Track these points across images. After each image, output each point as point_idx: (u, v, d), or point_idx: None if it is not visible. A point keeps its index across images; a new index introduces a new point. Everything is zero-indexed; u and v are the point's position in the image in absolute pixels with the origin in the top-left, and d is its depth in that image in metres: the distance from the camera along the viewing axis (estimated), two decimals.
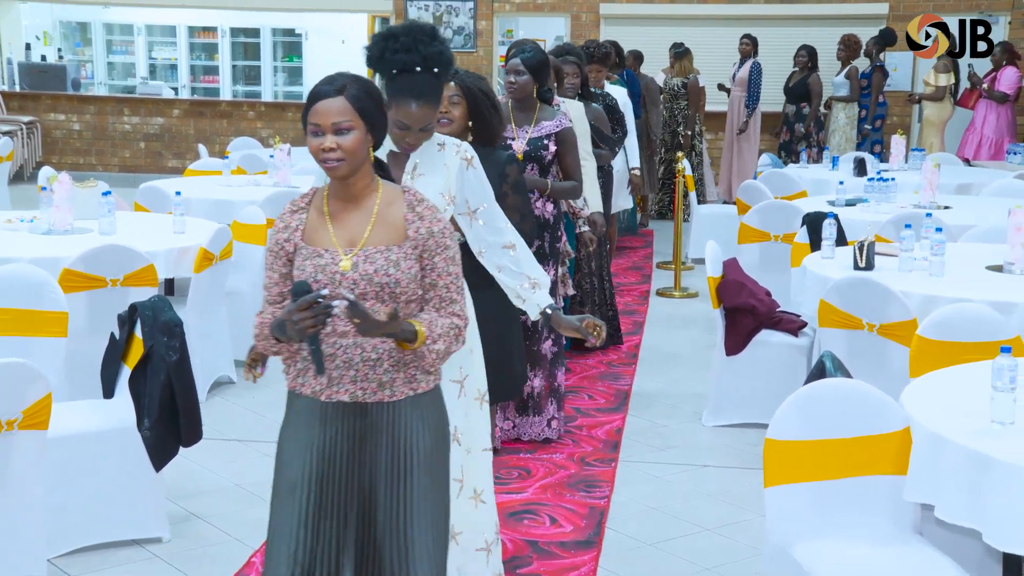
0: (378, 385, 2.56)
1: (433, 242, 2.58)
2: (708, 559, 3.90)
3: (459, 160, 3.19)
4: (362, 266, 2.53)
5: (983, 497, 2.69)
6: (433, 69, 2.94)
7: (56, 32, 15.14)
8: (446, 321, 2.59)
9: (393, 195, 2.62)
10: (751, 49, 11.16)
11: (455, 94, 3.61)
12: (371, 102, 2.54)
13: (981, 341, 3.73)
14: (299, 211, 2.64)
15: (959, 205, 6.74)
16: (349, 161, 2.52)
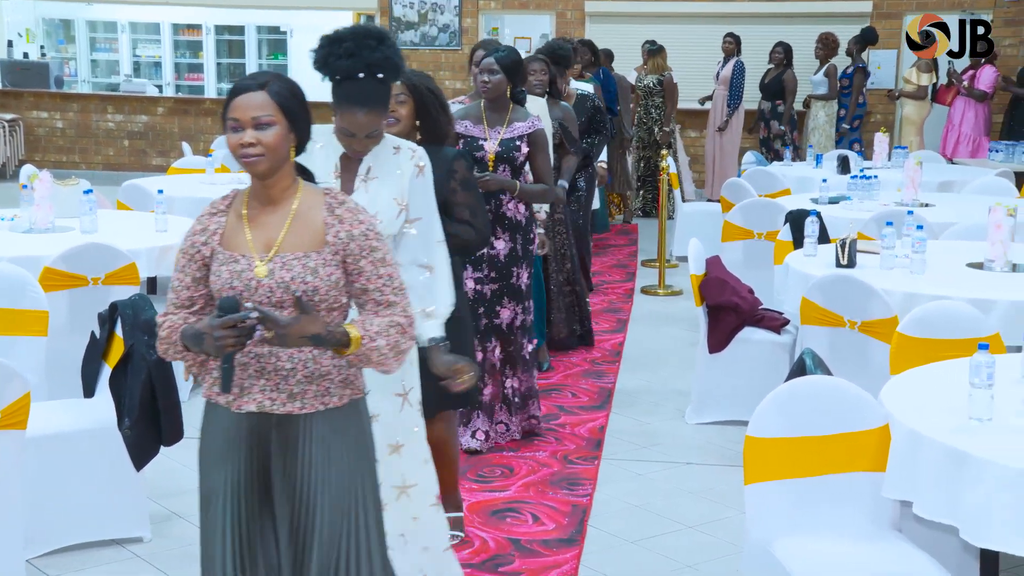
0: (288, 396, 2.47)
1: (355, 246, 2.47)
2: (689, 556, 3.91)
3: (412, 166, 3.13)
4: (278, 273, 2.43)
5: (960, 493, 2.70)
6: (378, 75, 2.88)
7: (39, 29, 15.06)
8: (382, 320, 2.49)
9: (313, 198, 2.51)
10: (735, 48, 11.18)
11: (401, 93, 3.53)
12: (294, 100, 2.46)
13: (961, 338, 3.75)
14: (218, 213, 2.53)
15: (941, 203, 6.76)
16: (269, 157, 2.42)
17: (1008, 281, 4.56)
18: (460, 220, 3.65)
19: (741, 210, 6.68)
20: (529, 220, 4.82)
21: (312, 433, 2.49)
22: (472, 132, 4.72)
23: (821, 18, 11.98)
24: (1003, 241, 4.74)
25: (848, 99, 10.82)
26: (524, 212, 4.79)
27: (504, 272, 4.73)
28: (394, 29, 12.91)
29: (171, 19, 14.90)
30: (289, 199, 2.50)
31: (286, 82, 2.48)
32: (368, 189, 3.08)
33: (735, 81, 11.06)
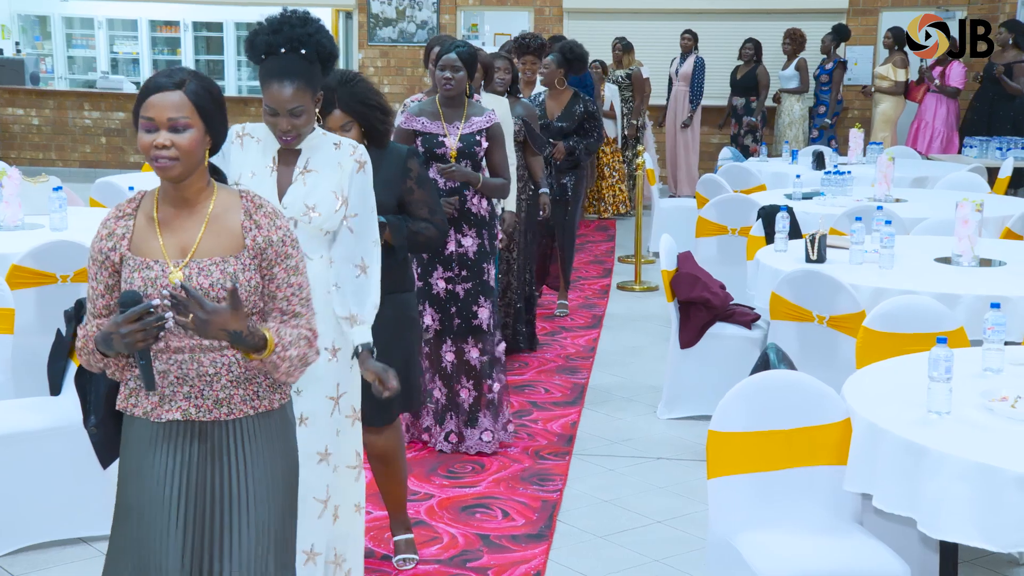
0: (214, 402, 2.37)
1: (272, 251, 2.38)
2: (657, 551, 3.92)
3: (353, 162, 3.06)
4: (196, 278, 2.33)
5: (918, 486, 2.72)
6: (300, 51, 2.86)
7: (14, 25, 14.97)
8: (293, 330, 2.40)
9: (229, 200, 2.41)
10: (692, 44, 11.21)
11: (347, 121, 3.47)
12: (211, 100, 2.36)
13: (926, 332, 3.77)
14: (125, 217, 2.40)
15: (914, 198, 6.80)
16: (184, 161, 2.32)
17: (974, 276, 4.59)
18: (419, 218, 3.62)
19: (715, 206, 6.71)
20: (492, 215, 4.79)
21: (241, 440, 2.39)
22: (430, 128, 4.63)
23: (796, 14, 12.02)
24: (970, 236, 4.77)
25: (828, 95, 10.86)
26: (487, 207, 4.74)
27: (475, 270, 4.69)
28: (372, 25, 12.89)
29: (149, 15, 14.85)
30: (204, 202, 2.40)
31: (204, 81, 2.39)
32: (306, 182, 3.03)
33: (696, 77, 11.09)
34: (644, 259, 8.43)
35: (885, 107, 10.70)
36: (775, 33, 11.43)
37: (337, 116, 3.44)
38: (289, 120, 2.93)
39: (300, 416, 3.05)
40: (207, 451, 2.38)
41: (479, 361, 4.72)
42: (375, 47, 12.95)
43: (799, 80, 10.81)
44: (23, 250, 4.65)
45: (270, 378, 2.42)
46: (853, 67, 11.88)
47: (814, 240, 4.81)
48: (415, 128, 4.63)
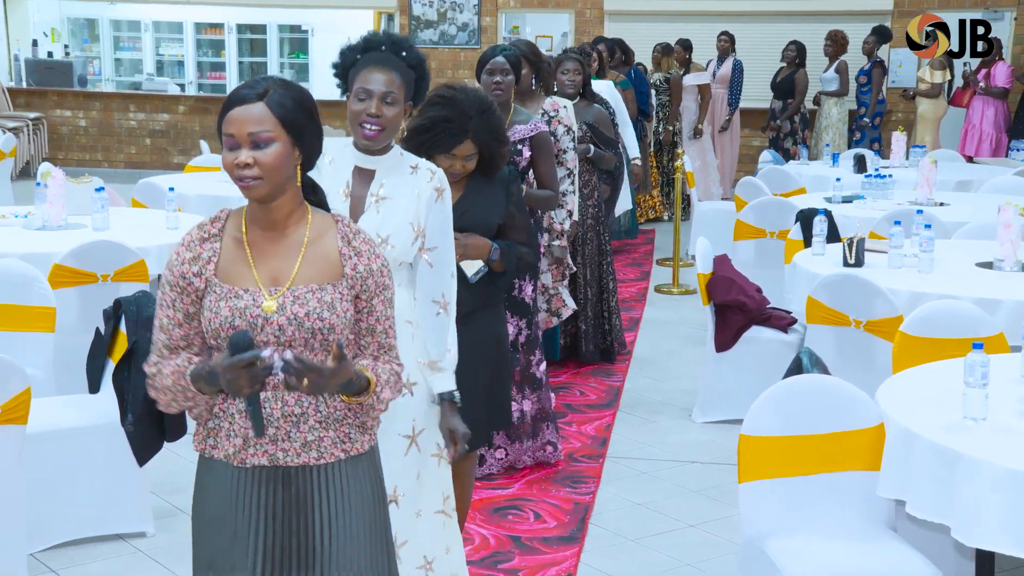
0: (302, 445, 2.18)
1: (372, 282, 2.21)
2: (688, 555, 3.90)
3: (431, 189, 2.86)
4: (291, 308, 2.14)
5: (952, 493, 2.69)
6: (401, 53, 2.79)
7: (64, 28, 15.21)
8: (387, 367, 2.25)
9: (324, 225, 2.23)
10: (729, 46, 11.15)
11: (473, 153, 3.28)
12: (300, 110, 2.16)
13: (964, 337, 3.72)
14: (211, 239, 2.21)
15: (956, 202, 6.71)
16: (268, 180, 2.13)
17: (1016, 281, 4.52)
18: (520, 243, 3.48)
19: (754, 209, 6.66)
20: (534, 228, 4.56)
21: (328, 487, 2.21)
22: None
23: (840, 16, 11.92)
24: (1013, 240, 4.71)
25: (868, 96, 10.76)
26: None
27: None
28: (413, 27, 12.95)
29: (194, 18, 15.02)
30: (297, 225, 2.21)
31: (291, 90, 2.18)
32: (380, 210, 2.83)
33: (735, 80, 11.02)
34: (682, 262, 8.39)
35: (924, 109, 10.60)
36: (818, 35, 11.33)
37: (467, 146, 3.25)
38: (379, 104, 2.76)
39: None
40: (291, 499, 2.20)
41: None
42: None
43: (839, 83, 10.71)
44: (65, 249, 4.73)
45: (358, 418, 2.25)
46: (897, 69, 11.75)
47: (852, 244, 4.76)
48: None
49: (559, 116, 4.97)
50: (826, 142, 10.59)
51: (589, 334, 6.06)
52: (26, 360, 3.74)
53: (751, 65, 11.39)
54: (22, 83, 13.83)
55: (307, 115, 2.19)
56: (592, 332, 6.07)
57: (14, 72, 13.99)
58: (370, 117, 2.77)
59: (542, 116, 4.87)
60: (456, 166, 3.27)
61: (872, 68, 10.72)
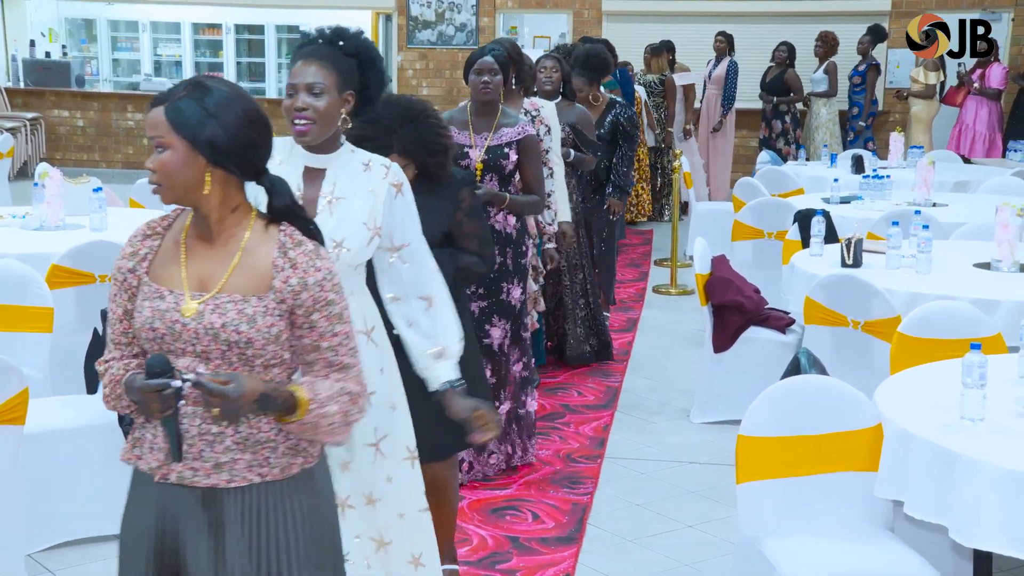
0: (214, 466, 2.06)
1: (308, 296, 2.07)
2: (686, 555, 3.90)
3: (387, 185, 2.75)
4: (209, 316, 2.04)
5: (950, 493, 2.69)
6: (338, 42, 2.69)
7: (61, 29, 15.19)
8: (333, 384, 2.10)
9: (267, 234, 2.11)
10: (726, 47, 11.13)
11: (404, 164, 3.16)
12: (204, 117, 2.03)
13: (962, 338, 3.72)
14: (152, 236, 2.16)
15: (954, 202, 6.72)
16: (167, 186, 2.05)
17: (1014, 281, 4.53)
18: (468, 252, 3.36)
19: (751, 209, 6.66)
20: (520, 232, 4.47)
21: (248, 510, 2.09)
22: (457, 139, 4.28)
23: (838, 16, 11.92)
24: (1010, 241, 4.71)
25: (862, 96, 10.77)
26: (514, 224, 4.43)
27: (493, 288, 4.34)
28: (411, 28, 12.95)
29: (192, 18, 15.01)
30: (235, 231, 2.11)
31: (202, 93, 2.06)
32: (333, 211, 2.71)
33: (729, 81, 11.02)
34: (680, 263, 8.39)
35: (917, 110, 10.62)
36: (807, 36, 11.34)
37: (393, 159, 3.08)
38: (305, 98, 2.65)
39: (343, 462, 2.81)
40: (210, 521, 2.09)
41: (489, 383, 4.27)
42: (414, 49, 13.01)
43: (828, 83, 10.73)
44: (63, 250, 4.72)
45: (288, 441, 2.12)
46: (895, 70, 11.77)
47: (850, 244, 4.77)
48: None
49: (540, 116, 4.95)
50: (818, 143, 10.59)
51: (579, 336, 6.00)
52: (24, 360, 3.74)
53: (749, 66, 11.39)
54: (20, 83, 13.81)
55: (208, 120, 2.04)
56: (584, 333, 6.02)
57: (11, 72, 13.98)
58: (297, 111, 2.67)
59: (524, 115, 4.82)
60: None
61: (867, 70, 10.73)
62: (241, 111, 2.08)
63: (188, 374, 2.00)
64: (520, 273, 4.45)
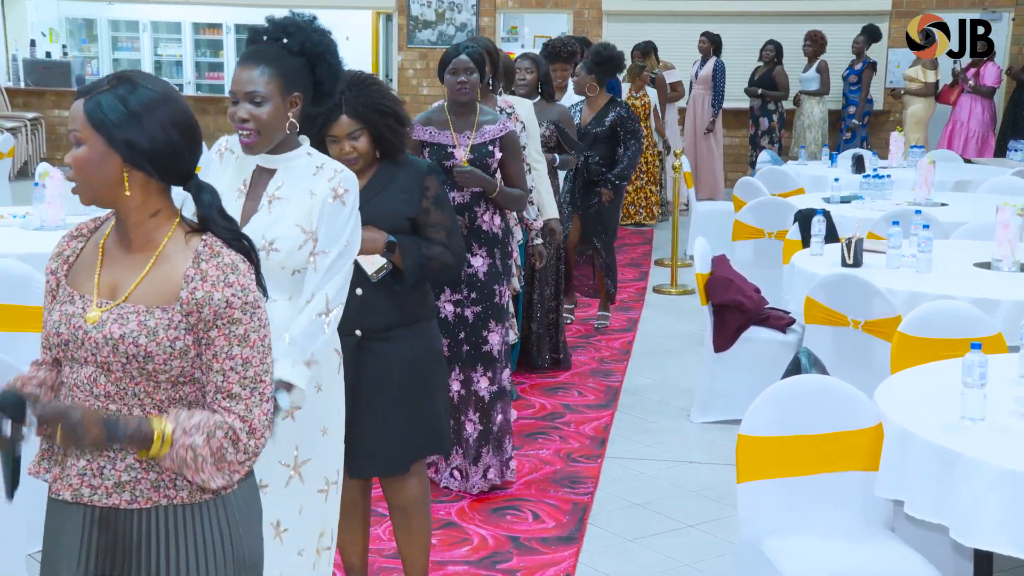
0: (114, 485, 1.93)
1: (210, 311, 1.91)
2: (687, 555, 3.90)
3: (328, 188, 2.62)
4: (110, 326, 1.92)
5: (950, 493, 2.69)
6: (283, 40, 2.58)
7: (62, 28, 15.20)
8: (210, 416, 1.91)
9: (186, 243, 1.98)
10: (710, 47, 11.16)
11: (356, 129, 3.07)
12: (124, 114, 1.90)
13: (962, 338, 3.72)
14: (78, 238, 2.07)
15: (955, 202, 6.72)
16: (84, 185, 1.94)
17: (1014, 281, 4.52)
18: (435, 242, 3.21)
19: (752, 209, 6.66)
20: (505, 232, 4.38)
21: (155, 534, 1.94)
22: (439, 139, 4.23)
23: (841, 16, 11.93)
24: (1011, 241, 4.71)
25: (857, 95, 10.79)
26: (500, 224, 4.32)
27: (486, 292, 4.24)
28: (411, 27, 12.95)
29: (192, 18, 15.01)
30: (154, 238, 1.98)
31: (126, 89, 1.92)
32: (271, 210, 2.63)
33: (717, 81, 11.03)
34: (681, 262, 8.39)
35: (915, 108, 10.63)
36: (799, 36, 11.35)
37: (344, 123, 3.08)
38: (247, 108, 2.56)
39: (260, 481, 2.54)
40: (112, 544, 1.95)
41: (488, 392, 4.28)
42: (414, 49, 13.01)
43: (820, 82, 10.74)
44: None
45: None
46: (895, 70, 11.77)
47: (850, 244, 4.76)
48: (423, 139, 4.24)
49: (515, 113, 4.92)
50: (808, 142, 10.59)
51: (544, 340, 5.89)
52: (24, 360, 3.69)
53: (746, 65, 11.39)
54: (20, 83, 13.82)
55: (134, 122, 1.91)
56: (550, 342, 5.94)
57: (12, 72, 13.99)
58: (240, 122, 2.58)
59: (499, 113, 4.68)
60: (345, 148, 3.08)
61: (863, 69, 10.74)
62: (167, 114, 1.95)
63: (34, 411, 1.88)
64: (507, 274, 4.41)
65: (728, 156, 11.70)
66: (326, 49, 2.62)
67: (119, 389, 1.94)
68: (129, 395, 1.94)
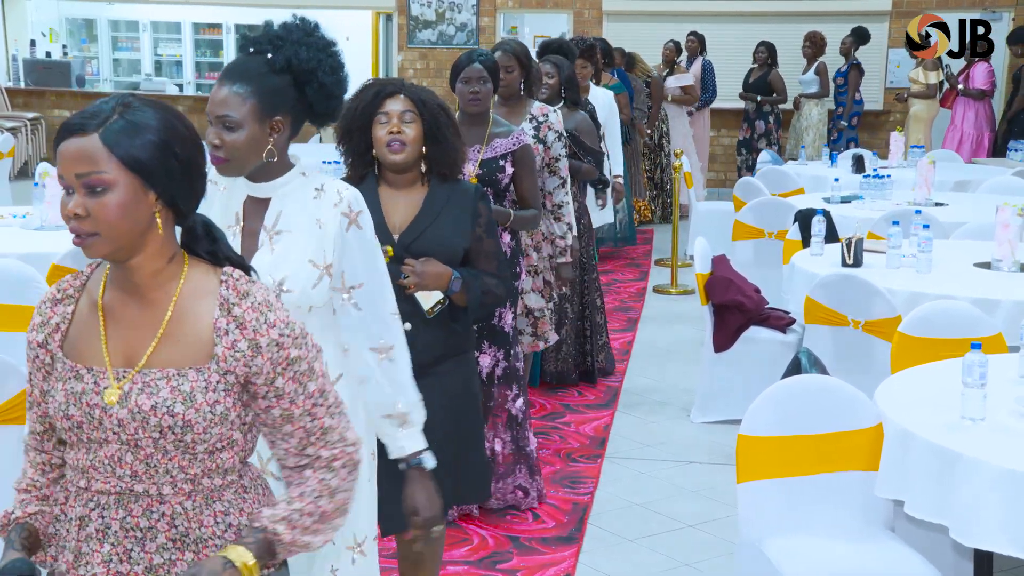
0: (146, 569, 1.68)
1: (266, 361, 1.69)
2: (687, 555, 3.90)
3: (338, 216, 2.32)
4: (136, 398, 1.66)
5: (950, 493, 2.69)
6: (266, 54, 2.28)
7: (62, 28, 15.20)
8: (313, 484, 1.72)
9: (204, 285, 1.71)
10: (698, 47, 11.23)
11: (407, 110, 2.86)
12: (153, 144, 1.65)
13: (962, 338, 3.72)
14: (65, 300, 1.75)
15: (955, 202, 6.72)
16: (108, 236, 1.64)
17: (1014, 281, 4.52)
18: (487, 273, 2.99)
19: (752, 209, 6.66)
20: (515, 251, 4.14)
21: None
22: None
23: (841, 16, 11.93)
24: (1011, 240, 4.71)
25: (845, 97, 10.80)
26: (509, 242, 4.09)
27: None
28: (412, 28, 12.95)
29: (192, 18, 15.02)
30: (166, 287, 1.71)
31: (144, 115, 1.66)
32: (274, 247, 2.32)
33: (708, 79, 11.08)
34: (681, 262, 8.39)
35: (917, 109, 10.64)
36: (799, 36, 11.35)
37: (402, 100, 2.86)
38: (217, 132, 2.26)
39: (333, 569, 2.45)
40: None
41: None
42: (414, 49, 13.01)
43: (819, 84, 10.74)
44: (63, 250, 4.72)
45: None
46: (895, 70, 11.78)
47: (850, 244, 4.76)
48: None
49: (548, 121, 4.56)
50: (807, 143, 10.58)
51: (563, 354, 5.68)
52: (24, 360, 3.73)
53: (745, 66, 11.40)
54: (20, 83, 13.82)
55: (164, 149, 1.66)
56: (576, 353, 5.74)
57: (12, 72, 13.99)
58: (212, 147, 2.26)
59: (530, 122, 4.53)
60: (394, 127, 2.85)
61: (849, 70, 10.75)
62: (186, 133, 1.71)
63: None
64: (513, 296, 4.07)
65: (714, 156, 11.73)
66: (318, 66, 2.29)
67: (149, 467, 1.69)
68: (160, 472, 1.69)
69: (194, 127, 1.75)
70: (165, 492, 1.70)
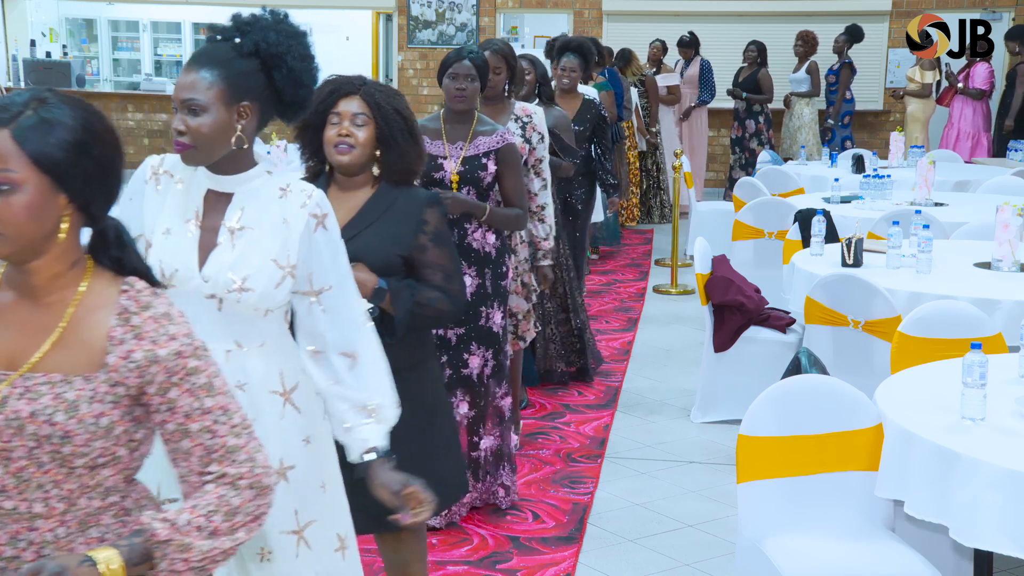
0: None
1: (160, 370, 1.60)
2: (687, 555, 3.90)
3: (306, 216, 2.26)
4: (14, 403, 1.56)
5: (950, 493, 2.69)
6: (234, 39, 2.23)
7: (62, 28, 15.21)
8: (211, 498, 1.60)
9: (104, 294, 1.63)
10: (692, 49, 11.26)
11: (361, 112, 2.77)
12: (69, 143, 1.56)
13: (962, 338, 3.72)
14: None
15: (955, 202, 6.72)
16: (10, 237, 1.56)
17: (1014, 281, 4.52)
18: (431, 284, 2.84)
19: (752, 209, 6.66)
20: (500, 251, 4.04)
21: None
22: (430, 149, 3.86)
23: (840, 16, 11.92)
24: (1011, 240, 4.71)
25: (835, 96, 10.81)
26: (494, 242, 4.00)
27: (471, 313, 3.91)
28: (411, 28, 12.95)
29: (192, 18, 15.01)
30: (63, 292, 1.63)
31: (60, 113, 1.58)
32: (235, 244, 2.25)
33: (706, 78, 11.11)
34: (681, 262, 8.39)
35: (913, 109, 10.64)
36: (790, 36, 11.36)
37: (355, 103, 2.78)
38: (183, 117, 2.20)
39: (261, 550, 2.33)
40: None
41: (466, 417, 3.99)
42: (414, 49, 13.01)
43: (810, 83, 10.75)
44: None
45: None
46: (896, 70, 11.78)
47: (850, 244, 4.77)
48: None
49: (532, 122, 4.51)
50: (800, 143, 10.59)
51: (559, 354, 5.69)
52: None
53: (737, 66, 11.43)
54: (20, 83, 13.81)
55: (79, 149, 1.57)
56: (564, 352, 5.74)
57: (12, 72, 14.00)
58: (176, 133, 2.21)
59: (516, 122, 4.49)
60: (344, 129, 2.77)
61: (841, 68, 10.76)
62: (107, 132, 1.63)
63: None
64: (500, 296, 4.02)
65: (714, 156, 11.74)
66: (287, 51, 2.23)
67: (19, 481, 1.57)
68: (32, 487, 1.58)
69: (115, 129, 1.67)
70: (36, 510, 1.59)
